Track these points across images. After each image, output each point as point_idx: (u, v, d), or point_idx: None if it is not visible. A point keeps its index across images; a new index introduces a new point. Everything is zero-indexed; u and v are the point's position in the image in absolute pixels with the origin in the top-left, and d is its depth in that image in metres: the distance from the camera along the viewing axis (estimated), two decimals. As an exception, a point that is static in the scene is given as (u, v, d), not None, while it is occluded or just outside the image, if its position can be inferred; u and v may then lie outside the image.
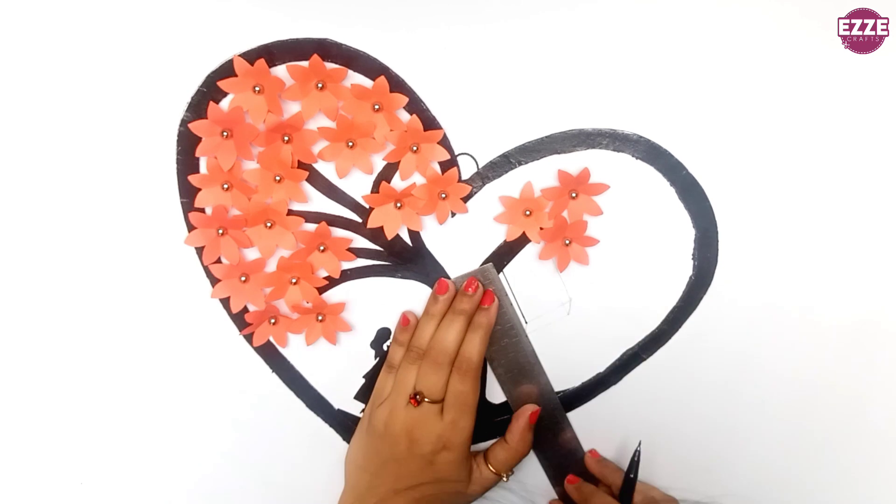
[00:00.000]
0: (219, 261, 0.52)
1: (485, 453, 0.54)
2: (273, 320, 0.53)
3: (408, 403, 0.51)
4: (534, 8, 0.50)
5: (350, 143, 0.51)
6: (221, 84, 0.49)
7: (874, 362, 0.54)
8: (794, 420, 0.55)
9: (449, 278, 0.54)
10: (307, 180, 0.52)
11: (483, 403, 0.54)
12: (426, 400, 0.50)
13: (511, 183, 0.53)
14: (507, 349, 0.55)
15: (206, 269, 0.52)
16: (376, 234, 0.53)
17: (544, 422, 0.55)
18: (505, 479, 0.53)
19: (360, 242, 0.53)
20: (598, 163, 0.52)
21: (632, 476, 0.52)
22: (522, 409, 0.54)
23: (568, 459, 0.57)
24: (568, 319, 0.55)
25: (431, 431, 0.50)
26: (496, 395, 0.56)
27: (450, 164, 0.52)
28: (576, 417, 0.56)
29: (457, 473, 0.51)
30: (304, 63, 0.49)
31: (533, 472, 0.57)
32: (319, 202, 0.52)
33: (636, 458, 0.52)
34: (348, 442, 0.56)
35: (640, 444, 0.52)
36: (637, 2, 0.50)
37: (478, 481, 0.53)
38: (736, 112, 0.52)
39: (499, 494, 0.56)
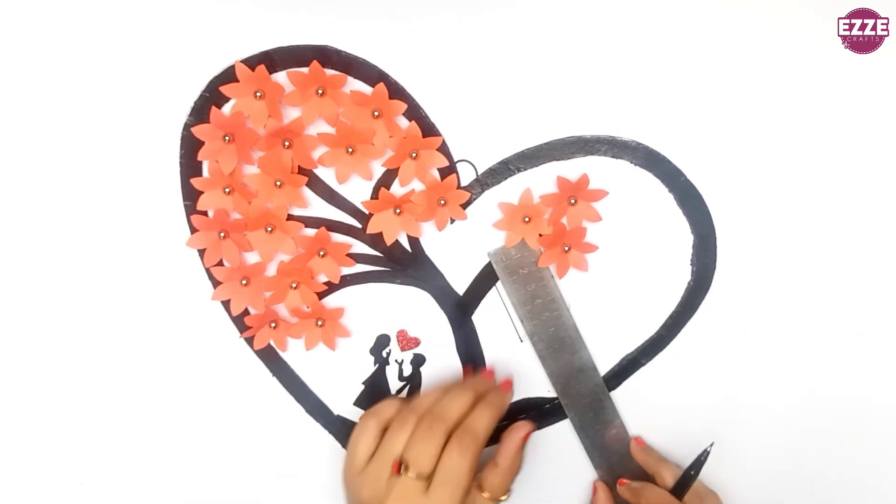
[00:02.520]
0: (220, 263, 0.53)
1: (477, 483, 0.49)
2: (273, 324, 0.53)
3: (390, 475, 0.45)
4: (533, 15, 0.51)
5: (350, 149, 0.51)
6: (223, 89, 0.50)
7: (873, 367, 0.54)
8: (794, 425, 0.55)
9: (452, 288, 0.54)
10: (307, 185, 0.52)
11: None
12: (409, 474, 0.44)
13: (510, 189, 0.53)
14: (548, 323, 0.54)
15: (207, 271, 0.53)
16: (376, 240, 0.54)
17: (586, 399, 0.54)
18: (504, 500, 0.50)
19: (360, 248, 0.54)
20: (596, 169, 0.53)
21: (693, 473, 0.51)
22: (513, 429, 0.51)
23: (611, 438, 0.55)
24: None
25: None
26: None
27: (449, 170, 0.53)
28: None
29: None
30: (305, 69, 0.50)
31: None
32: (319, 207, 0.53)
33: (703, 458, 0.51)
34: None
35: (711, 445, 0.52)
36: (635, 8, 0.51)
37: None
38: (734, 118, 0.52)
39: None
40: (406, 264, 0.54)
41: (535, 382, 0.55)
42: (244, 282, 0.52)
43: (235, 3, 0.50)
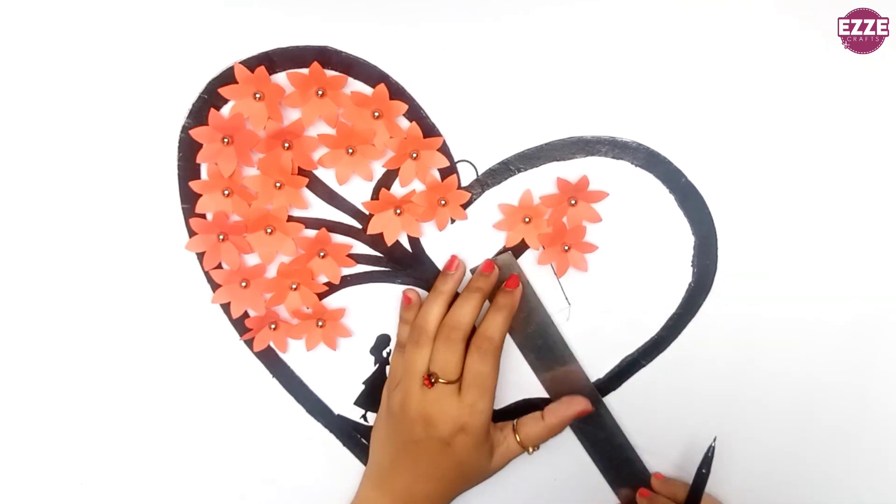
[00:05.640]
0: (219, 266, 0.52)
1: (515, 423, 0.53)
2: (273, 326, 0.53)
3: (421, 385, 0.49)
4: (533, 15, 0.51)
5: (350, 150, 0.51)
6: (222, 91, 0.49)
7: (873, 367, 0.54)
8: (794, 426, 0.55)
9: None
10: (307, 187, 0.52)
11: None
12: (441, 381, 0.49)
13: (510, 190, 0.53)
14: (535, 336, 0.54)
15: (206, 274, 0.53)
16: (376, 241, 0.53)
17: None
18: (530, 452, 0.52)
19: (360, 248, 0.54)
20: (597, 170, 0.52)
21: (704, 472, 0.51)
22: (576, 399, 0.53)
23: (605, 442, 0.56)
24: (567, 325, 0.55)
25: (448, 414, 0.48)
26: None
27: (449, 171, 0.53)
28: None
29: (476, 456, 0.50)
30: (305, 70, 0.49)
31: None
32: (319, 208, 0.53)
33: (711, 455, 0.51)
34: (348, 448, 0.56)
35: (714, 440, 0.52)
36: (636, 9, 0.51)
37: (503, 454, 0.51)
38: (735, 118, 0.52)
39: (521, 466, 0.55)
40: (407, 264, 0.54)
41: (534, 382, 0.56)
42: (244, 284, 0.52)
43: (234, 3, 0.49)
